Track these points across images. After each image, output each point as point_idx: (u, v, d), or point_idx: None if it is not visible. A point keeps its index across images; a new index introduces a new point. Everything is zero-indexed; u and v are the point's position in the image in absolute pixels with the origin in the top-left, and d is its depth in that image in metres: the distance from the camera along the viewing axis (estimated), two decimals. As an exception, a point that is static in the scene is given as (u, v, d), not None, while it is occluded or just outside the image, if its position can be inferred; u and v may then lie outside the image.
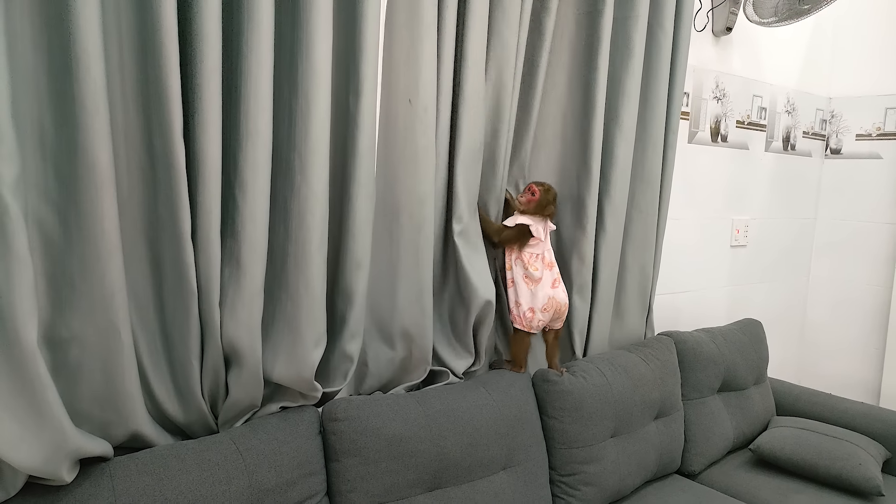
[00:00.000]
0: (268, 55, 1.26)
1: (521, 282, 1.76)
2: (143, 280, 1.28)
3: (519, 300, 1.77)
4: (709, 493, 1.98)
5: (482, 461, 1.59)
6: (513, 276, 1.78)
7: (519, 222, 1.74)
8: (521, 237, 1.75)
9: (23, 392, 1.03)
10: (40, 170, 1.11)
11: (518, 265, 1.76)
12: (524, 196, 1.75)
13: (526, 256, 1.75)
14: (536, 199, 1.74)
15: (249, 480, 1.27)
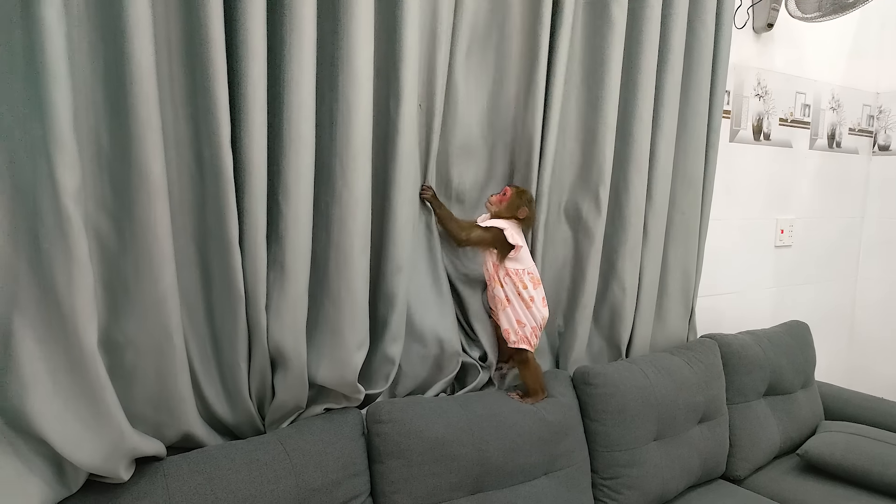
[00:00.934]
0: (310, 63, 1.29)
1: (517, 300, 1.62)
2: (193, 285, 1.32)
3: (521, 319, 1.63)
4: (755, 498, 1.94)
5: (524, 467, 1.59)
6: (506, 293, 1.62)
7: (491, 224, 1.59)
8: (496, 244, 1.59)
9: (84, 393, 1.07)
10: (97, 179, 1.16)
11: (508, 282, 1.61)
12: (496, 196, 1.61)
13: (513, 273, 1.60)
14: (507, 199, 1.59)
15: (296, 480, 1.30)
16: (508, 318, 1.63)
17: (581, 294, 1.88)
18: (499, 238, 1.57)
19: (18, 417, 1.07)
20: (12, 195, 1.05)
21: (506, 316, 1.63)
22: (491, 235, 1.58)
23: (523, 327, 1.63)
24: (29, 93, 1.02)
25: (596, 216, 1.85)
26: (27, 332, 1.07)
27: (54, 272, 1.04)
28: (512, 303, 1.62)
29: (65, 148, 1.01)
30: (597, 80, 1.79)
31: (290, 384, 1.39)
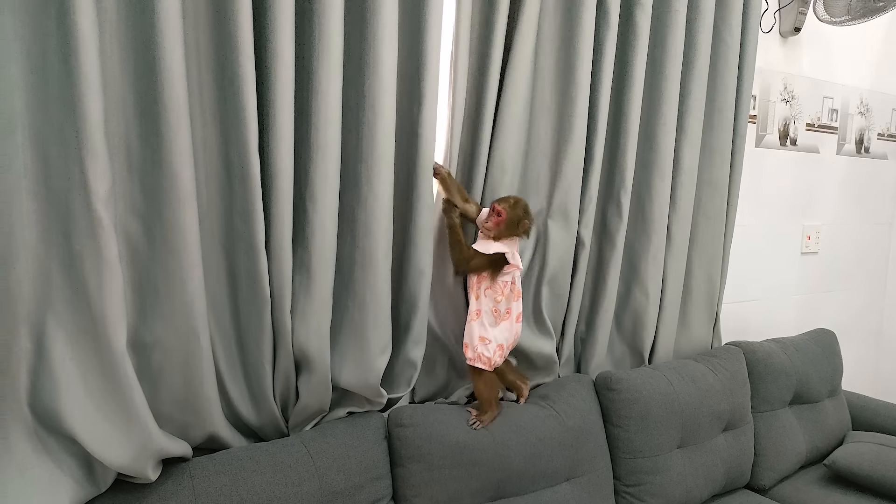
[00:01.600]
0: (337, 70, 1.30)
1: (490, 315, 1.54)
2: (220, 288, 1.34)
3: (486, 335, 1.54)
4: (781, 509, 1.92)
5: (545, 472, 1.58)
6: (479, 307, 1.54)
7: (495, 251, 1.51)
8: (495, 266, 1.53)
9: (113, 394, 1.09)
10: (127, 183, 1.17)
11: (488, 296, 1.54)
12: (489, 220, 1.51)
13: (498, 285, 1.54)
14: (504, 220, 1.50)
15: (320, 483, 1.31)
16: (471, 333, 1.54)
17: (602, 299, 1.87)
18: (497, 260, 1.52)
19: (51, 417, 1.09)
20: (45, 198, 1.08)
21: (469, 329, 1.54)
22: (488, 261, 1.52)
23: (486, 344, 1.53)
24: (63, 99, 1.04)
25: (618, 221, 1.84)
26: (59, 332, 1.09)
27: (85, 274, 1.07)
28: (481, 317, 1.54)
29: (96, 153, 1.03)
30: (620, 86, 1.78)
31: (313, 387, 1.41)
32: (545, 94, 1.69)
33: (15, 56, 1.02)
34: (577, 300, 1.84)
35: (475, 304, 1.54)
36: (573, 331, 1.87)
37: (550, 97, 1.69)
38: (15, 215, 1.05)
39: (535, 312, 1.77)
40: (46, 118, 1.06)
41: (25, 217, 1.07)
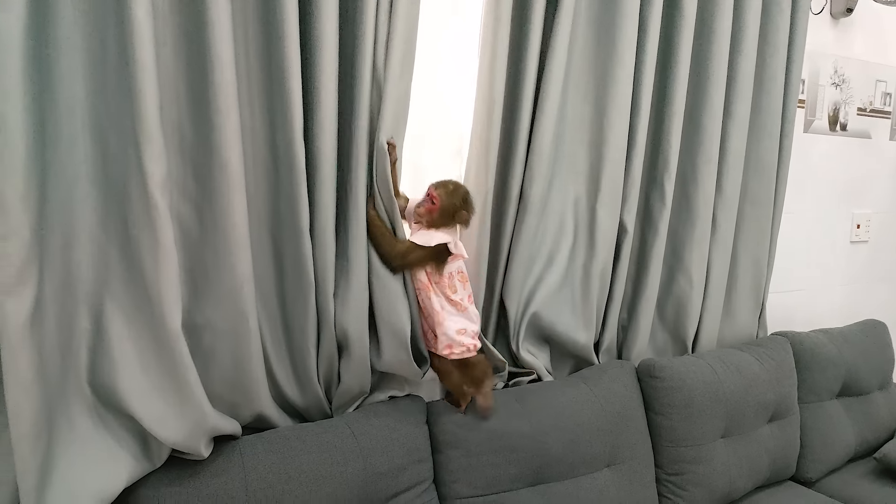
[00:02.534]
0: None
1: (448, 306, 1.44)
2: (267, 272, 1.36)
3: (462, 326, 1.44)
4: (827, 501, 1.87)
5: (585, 458, 1.58)
6: (441, 303, 1.43)
7: (438, 242, 1.37)
8: (438, 258, 1.40)
9: (169, 373, 1.13)
10: (179, 169, 1.21)
11: (439, 291, 1.43)
12: (422, 206, 1.39)
13: (445, 279, 1.43)
14: (437, 208, 1.37)
15: (364, 464, 1.33)
16: (446, 329, 1.42)
17: (645, 286, 1.85)
18: (441, 252, 1.39)
19: (109, 394, 1.14)
20: (104, 184, 1.12)
21: (442, 328, 1.42)
22: (428, 254, 1.38)
23: (463, 334, 1.44)
24: (120, 86, 1.08)
25: (661, 207, 1.81)
26: (117, 313, 1.13)
27: (142, 257, 1.10)
28: (444, 310, 1.43)
29: (152, 139, 1.06)
30: (665, 67, 1.75)
31: (354, 369, 1.42)
32: (584, 75, 1.67)
33: (76, 45, 1.06)
34: (619, 287, 1.82)
35: (436, 302, 1.42)
36: (615, 318, 1.85)
37: (590, 79, 1.67)
38: (75, 201, 1.09)
39: (583, 300, 1.76)
40: (105, 105, 1.09)
41: (85, 203, 1.11)
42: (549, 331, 1.75)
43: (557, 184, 1.70)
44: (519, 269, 1.66)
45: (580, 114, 1.70)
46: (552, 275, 1.75)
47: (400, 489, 1.38)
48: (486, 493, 1.46)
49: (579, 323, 1.77)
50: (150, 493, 1.14)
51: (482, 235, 1.60)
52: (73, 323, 1.11)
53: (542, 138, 1.58)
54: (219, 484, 1.18)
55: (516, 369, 1.73)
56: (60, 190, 1.07)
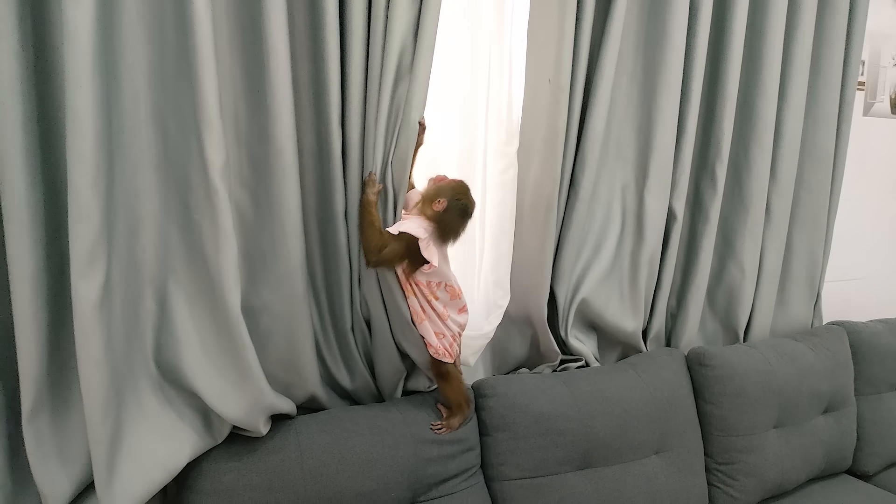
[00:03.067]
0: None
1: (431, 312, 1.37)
2: (315, 257, 1.39)
3: (440, 330, 1.38)
4: (885, 496, 1.83)
5: (633, 444, 1.57)
6: (420, 305, 1.36)
7: (405, 230, 1.25)
8: (411, 258, 1.29)
9: (229, 353, 1.17)
10: (236, 156, 1.24)
11: (418, 293, 1.35)
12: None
13: (423, 285, 1.33)
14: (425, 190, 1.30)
15: (414, 449, 1.35)
16: (427, 331, 1.36)
17: (694, 274, 1.83)
18: (413, 249, 1.27)
19: (174, 372, 1.19)
20: (166, 170, 1.16)
21: (425, 329, 1.36)
22: (403, 249, 1.28)
23: (442, 338, 1.38)
24: (180, 74, 1.12)
25: (712, 194, 1.79)
26: (180, 295, 1.18)
27: (203, 241, 1.14)
28: (428, 315, 1.37)
29: (212, 127, 1.10)
30: (717, 51, 1.72)
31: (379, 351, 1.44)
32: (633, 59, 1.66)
33: (139, 37, 1.10)
34: (668, 274, 1.80)
35: (416, 303, 1.35)
36: (664, 306, 1.84)
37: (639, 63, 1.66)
38: (139, 187, 1.14)
39: (631, 287, 1.75)
40: (165, 95, 1.14)
41: (149, 188, 1.16)
42: (597, 318, 1.75)
43: (605, 170, 1.69)
44: (568, 256, 1.66)
45: (628, 99, 1.68)
46: (600, 262, 1.75)
47: (448, 475, 1.39)
48: (533, 476, 1.46)
49: (627, 310, 1.76)
50: (211, 468, 1.19)
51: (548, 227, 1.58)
52: (138, 303, 1.16)
53: (595, 124, 1.58)
54: (276, 461, 1.22)
55: (564, 356, 1.74)
56: (125, 176, 1.11)
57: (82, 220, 1.00)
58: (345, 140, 1.31)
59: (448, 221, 1.28)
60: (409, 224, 1.27)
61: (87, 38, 0.98)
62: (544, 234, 1.58)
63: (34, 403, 1.05)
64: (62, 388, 1.10)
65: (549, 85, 1.52)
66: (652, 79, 1.65)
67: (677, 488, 1.61)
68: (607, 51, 1.55)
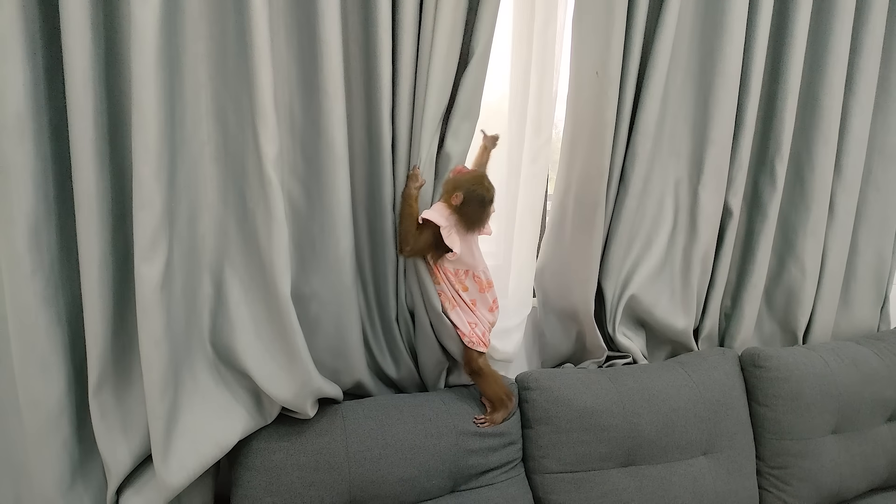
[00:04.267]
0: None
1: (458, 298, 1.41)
2: (363, 247, 1.42)
3: (472, 319, 1.42)
4: (954, 511, 1.73)
5: (679, 443, 1.55)
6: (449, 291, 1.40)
7: (426, 217, 1.32)
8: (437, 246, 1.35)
9: (279, 336, 1.22)
10: (289, 149, 1.29)
11: (450, 282, 1.40)
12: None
13: (452, 273, 1.39)
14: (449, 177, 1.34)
15: (457, 440, 1.37)
16: (459, 318, 1.40)
17: (751, 273, 1.78)
18: (439, 237, 1.33)
19: (228, 353, 1.25)
20: (224, 162, 1.22)
21: (457, 316, 1.40)
22: (430, 237, 1.34)
23: (475, 327, 1.41)
24: (239, 71, 1.17)
25: (770, 191, 1.73)
26: (235, 280, 1.24)
27: (258, 229, 1.20)
28: (458, 304, 1.41)
29: (267, 121, 1.15)
30: (779, 42, 1.66)
31: (421, 340, 1.47)
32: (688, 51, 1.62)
33: (201, 34, 1.16)
34: (722, 273, 1.76)
35: (447, 289, 1.40)
36: (717, 305, 1.79)
37: (694, 55, 1.62)
38: (199, 177, 1.21)
39: (682, 285, 1.72)
40: (225, 89, 1.19)
41: (208, 179, 1.22)
42: (647, 315, 1.73)
43: (658, 165, 1.66)
44: (617, 251, 1.65)
45: (682, 92, 1.65)
46: (651, 258, 1.72)
47: (489, 467, 1.41)
48: (574, 470, 1.46)
49: (678, 308, 1.74)
50: (261, 446, 1.25)
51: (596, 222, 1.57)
52: (197, 288, 1.23)
53: (647, 117, 1.55)
54: (323, 443, 1.27)
55: (611, 353, 1.72)
56: (186, 167, 1.18)
57: (145, 207, 1.06)
58: (395, 134, 1.34)
59: (468, 212, 1.32)
60: (433, 212, 1.33)
61: (152, 35, 1.04)
62: (592, 229, 1.57)
63: (99, 378, 1.13)
64: (125, 365, 1.18)
65: (596, 77, 1.50)
66: (709, 71, 1.61)
67: (725, 490, 1.58)
68: (661, 42, 1.52)
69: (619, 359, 1.72)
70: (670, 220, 1.71)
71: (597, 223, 1.56)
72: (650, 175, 1.65)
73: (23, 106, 1.02)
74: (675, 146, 1.68)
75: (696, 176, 1.66)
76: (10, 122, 1.01)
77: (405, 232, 1.34)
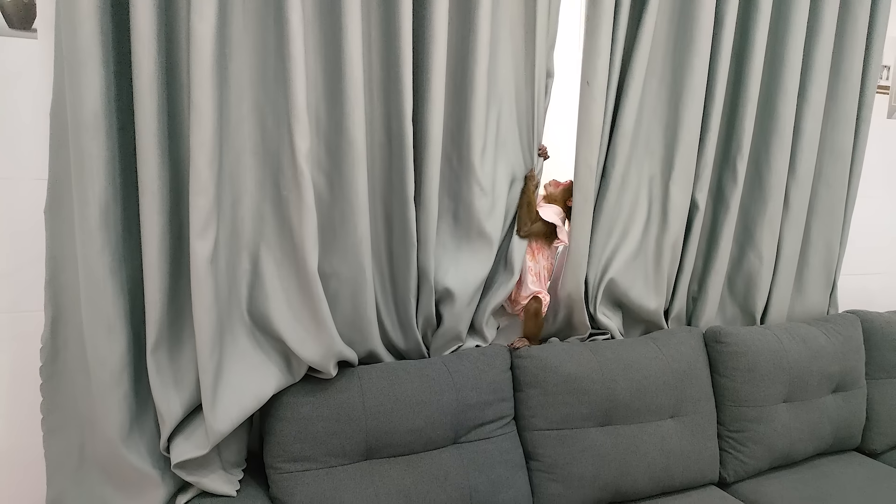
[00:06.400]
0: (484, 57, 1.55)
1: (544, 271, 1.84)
2: (379, 233, 1.62)
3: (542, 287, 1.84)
4: (890, 472, 1.97)
5: (650, 406, 1.77)
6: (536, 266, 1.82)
7: (552, 220, 1.77)
8: (549, 235, 1.81)
9: (308, 306, 1.42)
10: (315, 145, 1.48)
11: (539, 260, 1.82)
12: (551, 186, 1.84)
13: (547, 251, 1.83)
14: (564, 186, 1.82)
15: (457, 395, 1.58)
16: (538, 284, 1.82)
17: (714, 260, 2.00)
18: (550, 231, 1.80)
19: (263, 320, 1.45)
20: (262, 156, 1.41)
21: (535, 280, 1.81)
22: (545, 229, 1.79)
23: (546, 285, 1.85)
24: (277, 77, 1.36)
25: (732, 186, 1.95)
26: (269, 257, 1.43)
27: (290, 214, 1.39)
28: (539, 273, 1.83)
29: (300, 119, 1.34)
30: (741, 56, 1.89)
31: (456, 314, 1.67)
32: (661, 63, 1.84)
33: (245, 45, 1.35)
34: (689, 260, 1.98)
35: (533, 265, 1.81)
36: (685, 289, 2.02)
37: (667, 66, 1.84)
38: (241, 168, 1.40)
39: (655, 270, 1.94)
40: (264, 93, 1.39)
41: (248, 171, 1.41)
42: (623, 296, 1.94)
43: (634, 163, 1.88)
44: (598, 240, 1.86)
45: (657, 99, 1.86)
46: (627, 246, 1.93)
47: (486, 420, 1.62)
48: (559, 428, 1.68)
49: (651, 290, 1.95)
50: (291, 401, 1.44)
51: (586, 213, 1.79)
52: (236, 264, 1.42)
53: (625, 121, 1.77)
54: (342, 399, 1.47)
55: (593, 330, 1.94)
56: (230, 159, 1.37)
57: (201, 193, 1.26)
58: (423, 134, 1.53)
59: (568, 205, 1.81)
60: (550, 212, 1.77)
61: (209, 45, 1.23)
62: (583, 221, 1.78)
63: (156, 340, 1.32)
64: (178, 329, 1.37)
65: (587, 86, 1.72)
66: (679, 80, 1.83)
67: (689, 449, 1.80)
68: (638, 55, 1.73)
69: (599, 335, 1.93)
70: (644, 212, 1.92)
71: (587, 214, 1.78)
72: (627, 172, 1.87)
73: (98, 106, 1.20)
74: (649, 146, 1.89)
75: (667, 173, 1.88)
76: (88, 120, 1.20)
77: (525, 219, 1.75)
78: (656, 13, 1.72)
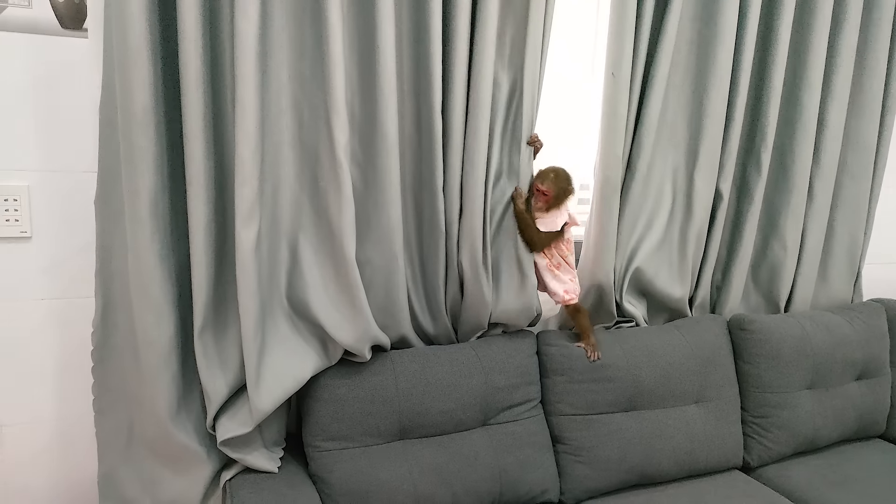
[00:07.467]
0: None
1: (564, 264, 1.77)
2: (410, 221, 1.67)
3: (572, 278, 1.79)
4: (915, 459, 1.99)
5: (674, 392, 1.81)
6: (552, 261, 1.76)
7: (561, 224, 1.70)
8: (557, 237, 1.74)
9: (344, 291, 1.48)
10: (351, 138, 1.54)
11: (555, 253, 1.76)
12: (538, 202, 1.68)
13: (562, 242, 1.75)
14: (551, 197, 1.66)
15: (485, 378, 1.64)
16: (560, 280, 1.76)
17: (738, 250, 2.03)
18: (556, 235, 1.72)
19: (302, 306, 1.51)
20: (301, 148, 1.47)
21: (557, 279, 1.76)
22: (553, 237, 1.72)
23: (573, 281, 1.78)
24: (314, 74, 1.42)
25: (757, 177, 1.98)
26: (308, 245, 1.50)
27: (328, 204, 1.45)
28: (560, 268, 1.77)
29: (339, 113, 1.40)
30: (765, 49, 1.91)
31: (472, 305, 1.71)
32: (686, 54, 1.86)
33: (284, 43, 1.41)
34: (713, 249, 2.01)
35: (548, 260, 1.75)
36: (709, 277, 2.05)
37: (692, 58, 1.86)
38: (280, 160, 1.46)
39: (679, 259, 1.97)
40: (301, 88, 1.44)
41: (286, 163, 1.47)
42: (648, 285, 1.98)
43: (659, 154, 1.91)
44: (624, 229, 1.90)
45: (681, 90, 1.89)
46: (652, 235, 1.97)
47: (514, 403, 1.68)
48: (585, 413, 1.73)
49: (675, 279, 1.99)
50: (328, 382, 1.51)
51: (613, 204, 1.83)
52: (276, 252, 1.49)
53: (651, 112, 1.80)
54: (377, 381, 1.53)
55: (618, 318, 1.98)
56: (270, 151, 1.43)
57: (246, 183, 1.32)
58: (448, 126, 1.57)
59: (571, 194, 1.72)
60: (550, 223, 1.70)
61: (252, 43, 1.29)
62: (610, 210, 1.82)
63: (203, 323, 1.39)
64: (222, 313, 1.44)
65: (612, 78, 1.75)
66: (703, 71, 1.85)
67: (714, 434, 1.84)
68: (663, 47, 1.76)
69: (625, 323, 1.97)
70: (669, 202, 1.96)
71: (614, 204, 1.82)
72: (653, 162, 1.90)
73: (147, 101, 1.27)
74: (674, 138, 1.93)
75: (691, 163, 1.91)
76: (139, 114, 1.26)
77: (532, 238, 1.70)
78: (681, 4, 1.75)
